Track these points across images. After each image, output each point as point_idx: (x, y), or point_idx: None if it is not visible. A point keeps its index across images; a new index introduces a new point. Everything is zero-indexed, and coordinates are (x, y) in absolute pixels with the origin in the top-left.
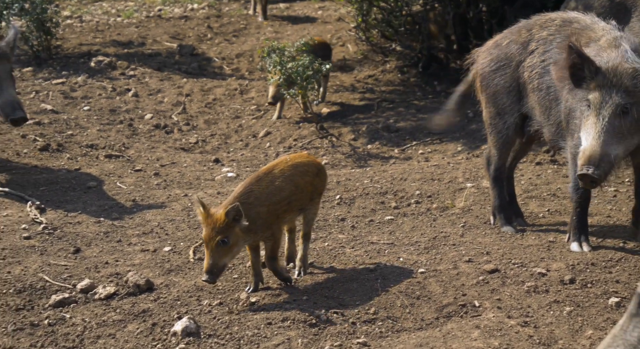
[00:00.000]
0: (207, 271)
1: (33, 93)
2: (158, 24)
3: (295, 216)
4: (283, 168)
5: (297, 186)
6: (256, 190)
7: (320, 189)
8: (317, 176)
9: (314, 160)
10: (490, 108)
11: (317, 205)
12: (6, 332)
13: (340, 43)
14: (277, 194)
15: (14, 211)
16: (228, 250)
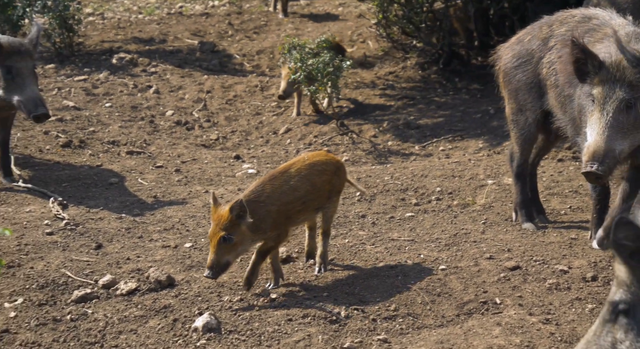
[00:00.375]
0: (208, 266)
1: (55, 90)
2: (179, 21)
3: (311, 216)
4: (300, 167)
5: (313, 186)
6: (269, 189)
7: (338, 187)
8: (335, 174)
9: (332, 158)
10: (512, 104)
11: (336, 203)
12: (29, 327)
13: (361, 40)
14: (290, 194)
15: (37, 207)
16: (232, 248)
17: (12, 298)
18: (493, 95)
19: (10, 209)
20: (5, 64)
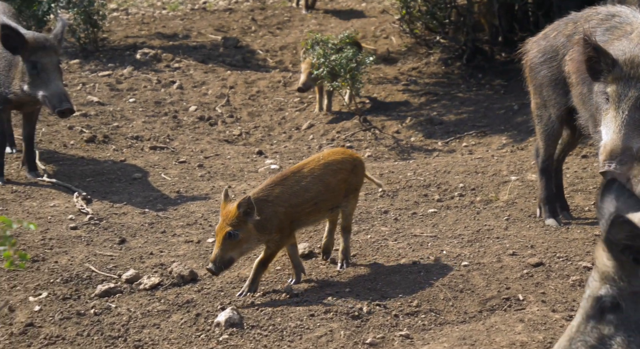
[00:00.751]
0: (211, 261)
1: (80, 85)
2: (203, 17)
3: (323, 217)
4: (313, 167)
5: (327, 187)
6: (279, 189)
7: (356, 185)
8: (352, 172)
9: (350, 156)
10: (537, 99)
11: (354, 200)
12: (53, 321)
13: (384, 35)
14: (300, 195)
15: (61, 201)
16: (237, 244)
17: (36, 292)
18: (517, 90)
19: (35, 203)
20: (30, 59)
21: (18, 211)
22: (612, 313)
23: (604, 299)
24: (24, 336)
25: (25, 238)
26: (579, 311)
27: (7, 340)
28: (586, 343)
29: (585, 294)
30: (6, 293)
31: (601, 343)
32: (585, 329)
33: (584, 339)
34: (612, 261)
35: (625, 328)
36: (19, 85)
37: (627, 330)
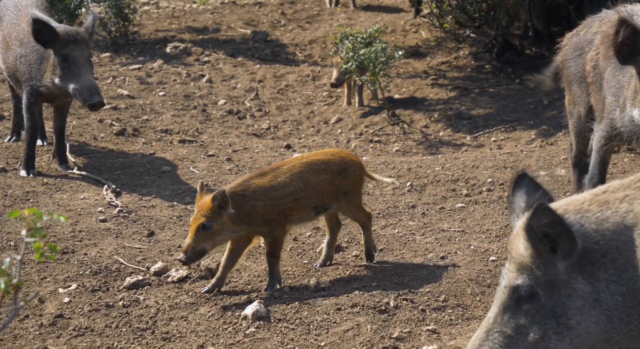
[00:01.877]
0: (183, 251)
1: (110, 78)
2: (232, 11)
3: (309, 215)
4: (294, 164)
5: (306, 184)
6: (256, 183)
7: (345, 188)
8: (339, 175)
9: (340, 158)
10: (569, 96)
11: (345, 203)
12: (82, 312)
13: (414, 29)
14: (278, 190)
15: (91, 194)
16: (209, 236)
17: (66, 283)
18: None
19: (65, 196)
20: (61, 53)
21: (48, 203)
22: (529, 303)
23: (520, 289)
24: (53, 327)
25: (55, 230)
26: (495, 302)
27: (37, 331)
28: (503, 333)
29: (501, 285)
30: (36, 285)
31: (518, 333)
32: (502, 320)
33: (500, 330)
34: (530, 250)
35: (541, 316)
36: (50, 78)
37: (543, 318)
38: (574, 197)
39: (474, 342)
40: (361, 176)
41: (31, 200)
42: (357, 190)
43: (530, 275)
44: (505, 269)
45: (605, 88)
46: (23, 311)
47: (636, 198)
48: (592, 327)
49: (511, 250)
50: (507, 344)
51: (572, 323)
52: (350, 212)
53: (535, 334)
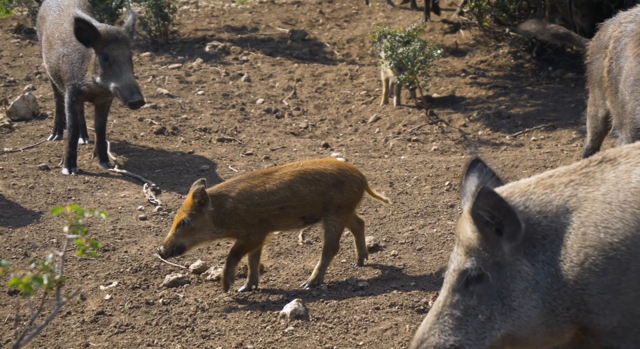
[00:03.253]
0: (163, 244)
1: (150, 77)
2: (271, 10)
3: (296, 224)
4: (285, 172)
5: (294, 193)
6: (242, 186)
7: (339, 202)
8: (334, 187)
9: (338, 170)
10: (590, 96)
11: (335, 217)
12: (123, 310)
13: (453, 28)
14: (264, 196)
15: (131, 192)
16: (189, 232)
17: (107, 281)
18: None
19: (106, 194)
20: (102, 52)
21: (90, 201)
22: (477, 284)
23: (469, 272)
24: (95, 324)
25: (97, 228)
26: (444, 286)
27: (79, 327)
28: (453, 315)
29: (450, 269)
30: (78, 282)
31: (467, 314)
32: (451, 303)
33: (450, 313)
34: (477, 232)
35: (488, 297)
36: (91, 77)
37: (490, 299)
38: (522, 181)
39: (424, 326)
40: (359, 194)
41: (73, 198)
42: (351, 207)
43: (478, 257)
44: (454, 253)
45: (626, 93)
46: (65, 307)
47: (581, 184)
48: (532, 311)
49: (459, 233)
50: (456, 326)
51: (515, 304)
52: (333, 228)
53: (483, 315)
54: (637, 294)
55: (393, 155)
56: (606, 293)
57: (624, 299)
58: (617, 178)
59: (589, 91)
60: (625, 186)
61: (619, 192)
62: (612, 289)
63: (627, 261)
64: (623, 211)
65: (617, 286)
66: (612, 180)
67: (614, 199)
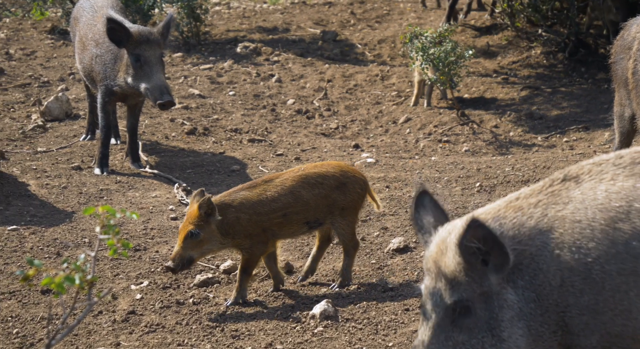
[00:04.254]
0: (171, 258)
1: (182, 78)
2: (302, 10)
3: (301, 231)
4: (286, 178)
5: (297, 199)
6: (244, 195)
7: (342, 203)
8: (337, 189)
9: (340, 172)
10: (616, 97)
11: (341, 220)
12: (154, 309)
13: (485, 28)
14: (265, 205)
15: (162, 192)
16: (197, 244)
17: (138, 280)
18: None
19: (138, 194)
20: (134, 52)
21: (121, 201)
22: (465, 318)
23: (457, 304)
24: (126, 323)
25: (128, 228)
26: (424, 325)
27: (110, 327)
28: None
29: (429, 306)
30: (110, 281)
31: None
32: (439, 340)
33: None
34: (462, 264)
35: (478, 330)
36: (123, 78)
37: (480, 332)
38: (489, 206)
39: None
40: (362, 194)
41: (105, 198)
42: (355, 208)
43: (465, 289)
44: (431, 289)
45: None
46: (97, 307)
47: (549, 203)
48: (520, 340)
49: (438, 267)
50: None
51: (504, 335)
52: (343, 230)
53: None
54: (613, 313)
55: (423, 156)
56: (584, 314)
57: (601, 319)
58: (583, 195)
59: (615, 90)
60: (592, 204)
61: (587, 210)
62: (590, 309)
63: (602, 280)
64: (593, 230)
65: (595, 306)
66: (579, 198)
67: (582, 217)
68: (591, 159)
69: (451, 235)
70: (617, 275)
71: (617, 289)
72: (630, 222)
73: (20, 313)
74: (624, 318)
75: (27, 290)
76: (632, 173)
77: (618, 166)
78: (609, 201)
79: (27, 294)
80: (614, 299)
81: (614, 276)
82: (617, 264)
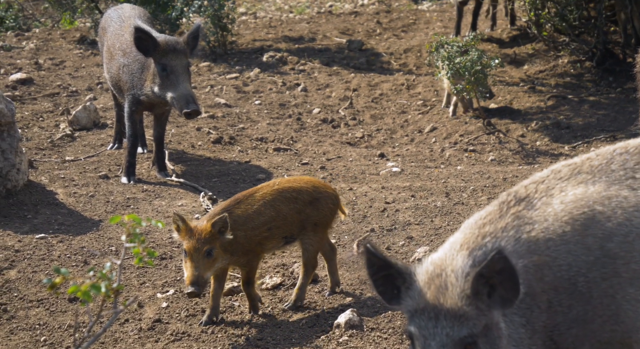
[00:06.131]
0: (192, 282)
1: (208, 87)
2: (328, 20)
3: (279, 245)
4: (266, 192)
5: (278, 213)
6: (234, 213)
7: (316, 219)
8: (311, 205)
9: (313, 188)
10: None
11: (313, 236)
12: (180, 317)
13: (511, 37)
14: (255, 219)
15: (188, 201)
16: (211, 263)
17: (164, 289)
18: None
19: (164, 203)
20: (160, 62)
21: (148, 209)
22: None
23: (465, 340)
24: (152, 332)
25: (154, 236)
26: None
27: (136, 335)
28: None
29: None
30: (136, 290)
31: None
32: None
33: None
34: (469, 298)
35: None
36: (150, 87)
37: None
38: (459, 235)
39: None
40: (334, 210)
41: (131, 206)
42: (326, 224)
43: (474, 323)
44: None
45: None
46: (123, 315)
47: (517, 226)
48: None
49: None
50: None
51: None
52: (311, 247)
53: None
54: (602, 320)
55: (449, 165)
56: (574, 327)
57: (590, 327)
58: (544, 213)
59: None
60: (556, 218)
61: (554, 226)
62: (579, 321)
63: (588, 290)
64: (567, 244)
65: (584, 316)
66: (541, 217)
67: (552, 234)
68: (527, 180)
69: (446, 270)
70: (601, 281)
71: (604, 294)
72: (599, 226)
73: (48, 320)
74: (612, 323)
75: (55, 298)
76: (578, 181)
77: (560, 179)
78: (571, 212)
79: (54, 302)
80: (602, 306)
81: (599, 282)
82: (598, 270)
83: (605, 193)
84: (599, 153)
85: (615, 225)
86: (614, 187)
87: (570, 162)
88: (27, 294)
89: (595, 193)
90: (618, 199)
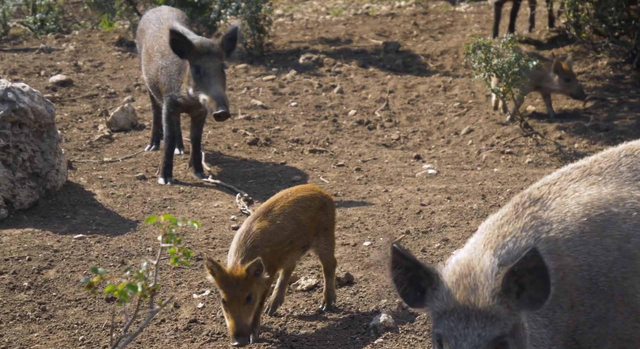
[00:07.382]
0: (240, 333)
1: (245, 89)
2: (365, 22)
3: (297, 256)
4: (284, 204)
5: (298, 224)
6: (259, 231)
7: (325, 224)
8: (320, 210)
9: (318, 193)
10: None
11: (325, 240)
12: (215, 318)
13: (550, 39)
14: (279, 234)
15: (224, 202)
16: (252, 306)
17: (200, 289)
18: None
19: (200, 204)
20: (195, 64)
21: (184, 210)
22: None
23: (499, 340)
24: (188, 332)
25: (190, 237)
26: None
27: (173, 335)
28: None
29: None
30: (172, 290)
31: None
32: None
33: None
34: (502, 295)
35: None
36: (185, 89)
37: None
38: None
39: None
40: (335, 213)
41: (168, 207)
42: (333, 227)
43: (505, 323)
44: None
45: None
46: (160, 315)
47: (535, 226)
48: None
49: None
50: None
51: None
52: (326, 251)
53: None
54: (623, 317)
55: (486, 168)
56: (596, 325)
57: (612, 325)
58: (560, 213)
59: None
60: (574, 219)
61: (572, 227)
62: (602, 319)
63: (610, 288)
64: (586, 244)
65: (606, 314)
66: (558, 217)
67: (571, 235)
68: (537, 182)
69: (475, 269)
70: (622, 280)
71: (625, 293)
72: (615, 227)
73: (85, 320)
74: (634, 319)
75: (93, 298)
76: (590, 183)
77: (572, 181)
78: (588, 214)
79: (92, 301)
80: (624, 303)
81: (620, 281)
82: (619, 269)
83: (619, 195)
84: (606, 155)
85: (631, 226)
86: (626, 188)
87: (578, 164)
88: (66, 294)
89: (608, 195)
90: (632, 200)
